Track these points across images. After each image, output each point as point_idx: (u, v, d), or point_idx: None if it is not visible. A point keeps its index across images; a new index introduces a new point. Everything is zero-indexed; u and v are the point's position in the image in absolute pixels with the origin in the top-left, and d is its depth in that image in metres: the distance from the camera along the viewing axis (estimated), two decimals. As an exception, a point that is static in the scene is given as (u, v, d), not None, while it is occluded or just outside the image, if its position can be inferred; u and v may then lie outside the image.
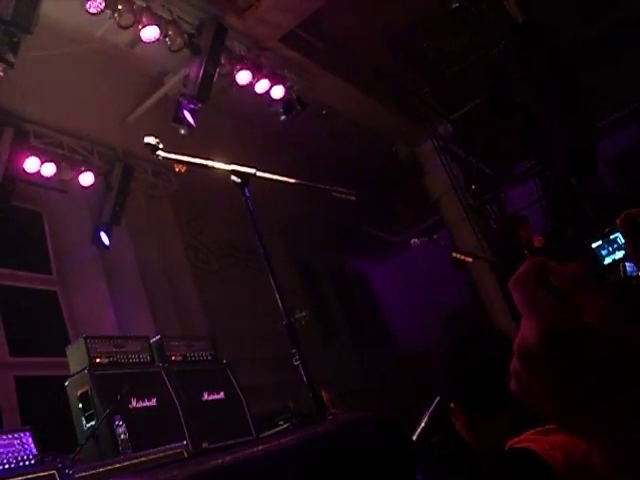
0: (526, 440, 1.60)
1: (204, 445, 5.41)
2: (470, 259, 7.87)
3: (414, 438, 3.76)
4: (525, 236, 7.58)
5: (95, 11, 6.62)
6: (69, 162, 8.52)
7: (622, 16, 10.78)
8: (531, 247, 7.40)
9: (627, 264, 5.33)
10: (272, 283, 3.51)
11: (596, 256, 6.11)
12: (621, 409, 0.63)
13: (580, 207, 9.27)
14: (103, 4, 6.56)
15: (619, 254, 5.91)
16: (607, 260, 6.05)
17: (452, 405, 1.91)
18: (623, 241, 5.66)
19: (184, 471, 1.37)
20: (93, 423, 5.05)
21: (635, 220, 1.74)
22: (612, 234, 5.99)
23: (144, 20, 6.96)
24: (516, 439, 1.65)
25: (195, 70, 7.64)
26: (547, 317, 0.66)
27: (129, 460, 4.37)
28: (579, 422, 0.67)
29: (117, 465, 4.27)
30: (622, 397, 0.63)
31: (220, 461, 1.41)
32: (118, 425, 4.71)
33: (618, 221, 1.76)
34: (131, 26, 6.91)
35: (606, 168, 12.10)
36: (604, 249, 6.07)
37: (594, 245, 6.16)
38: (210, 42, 7.59)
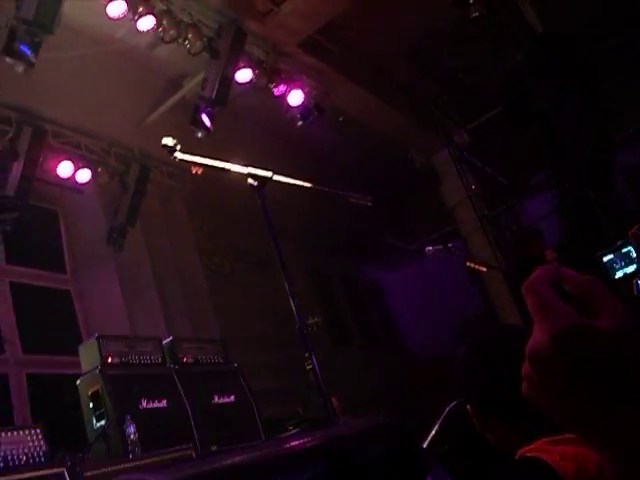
0: (537, 449, 1.59)
1: (213, 448, 5.42)
2: (484, 268, 7.84)
3: (425, 446, 3.74)
4: (538, 249, 7.54)
5: (116, 15, 6.67)
6: (86, 162, 8.57)
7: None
8: (543, 261, 7.36)
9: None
10: (286, 288, 3.51)
11: (607, 270, 6.05)
12: (633, 413, 0.63)
13: (597, 220, 9.21)
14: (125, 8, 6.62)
15: (631, 268, 5.85)
16: (618, 274, 5.99)
17: (468, 407, 1.90)
18: (635, 255, 5.61)
19: (197, 469, 1.37)
20: (103, 422, 5.06)
21: None
22: (624, 247, 5.93)
23: (164, 23, 7.00)
24: (527, 448, 1.63)
25: (214, 74, 7.66)
26: (559, 320, 0.66)
27: (138, 460, 4.38)
28: (590, 426, 0.67)
29: (126, 465, 4.29)
30: (634, 401, 0.63)
31: (230, 461, 1.41)
32: (128, 425, 4.73)
33: (630, 234, 1.74)
34: (151, 29, 6.95)
35: (625, 181, 12.01)
36: (616, 263, 6.02)
37: (605, 259, 6.11)
38: (229, 46, 7.62)
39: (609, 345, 0.64)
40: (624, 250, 5.92)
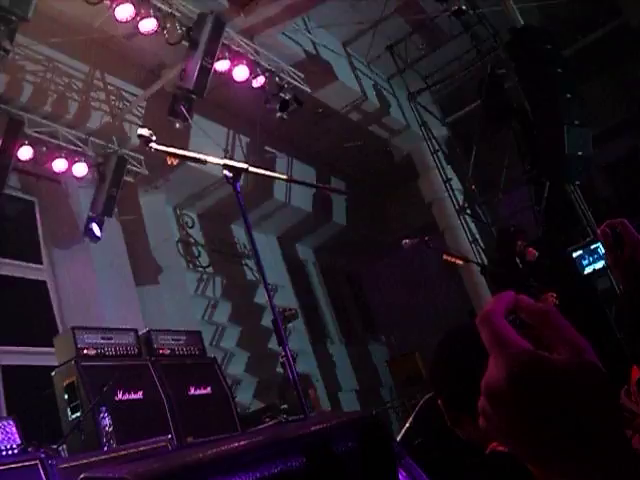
0: (508, 443, 1.60)
1: (189, 439, 5.42)
2: (461, 262, 7.86)
3: (398, 439, 3.76)
4: (520, 247, 7.60)
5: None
6: (63, 152, 8.48)
7: (621, 24, 10.81)
8: (523, 259, 7.41)
9: None
10: (262, 280, 3.51)
11: (576, 265, 6.14)
12: (586, 450, 0.63)
13: (574, 214, 9.29)
14: None
15: (599, 264, 5.94)
16: (587, 270, 6.08)
17: (439, 402, 1.91)
18: (604, 251, 5.67)
19: (164, 464, 1.37)
20: (78, 414, 5.04)
21: (615, 231, 1.73)
22: (593, 244, 6.02)
23: (142, 12, 6.94)
24: (498, 442, 1.64)
25: (192, 64, 7.61)
26: (514, 357, 0.65)
27: (113, 452, 4.36)
28: (546, 463, 0.66)
29: (100, 457, 4.27)
30: (588, 439, 0.63)
31: (201, 455, 1.40)
32: (103, 417, 4.71)
33: (599, 231, 1.74)
34: (130, 18, 6.90)
35: (601, 176, 12.13)
36: (584, 259, 6.10)
37: (575, 255, 6.20)
38: (208, 36, 7.56)
39: (566, 383, 0.63)
40: (593, 246, 6.02)
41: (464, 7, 9.72)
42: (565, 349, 0.66)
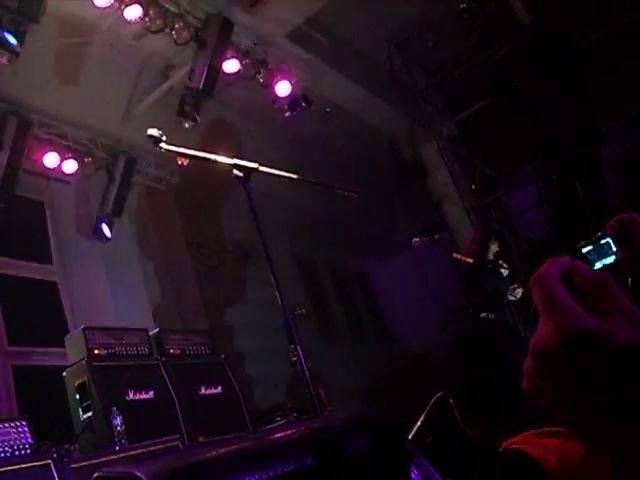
0: (521, 442, 1.60)
1: (200, 439, 5.43)
2: (471, 260, 7.85)
3: (410, 437, 3.76)
4: (493, 250, 7.67)
5: (103, 5, 6.63)
6: (72, 152, 8.51)
7: (632, 20, 10.75)
8: (496, 268, 7.50)
9: None
10: (272, 279, 3.51)
11: (586, 261, 6.12)
12: (631, 423, 0.61)
13: (582, 212, 9.25)
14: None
15: (609, 259, 5.93)
16: (597, 265, 6.07)
17: (451, 401, 1.91)
18: (614, 246, 5.66)
19: (178, 462, 1.37)
20: (90, 414, 5.06)
21: (626, 226, 1.72)
22: (603, 239, 6.02)
23: (151, 13, 6.96)
24: (510, 440, 1.64)
25: (201, 64, 7.63)
26: (566, 318, 0.64)
27: (125, 452, 4.38)
28: (590, 428, 0.65)
29: (112, 457, 4.29)
30: (635, 411, 0.61)
31: (215, 453, 1.41)
32: (115, 417, 4.72)
33: (608, 226, 1.73)
34: (138, 19, 6.91)
35: (611, 173, 12.05)
36: (593, 255, 6.10)
37: (584, 250, 6.18)
38: (216, 37, 7.58)
39: (617, 348, 0.62)
40: (603, 242, 6.01)
41: (471, 4, 9.70)
42: (619, 318, 0.64)
